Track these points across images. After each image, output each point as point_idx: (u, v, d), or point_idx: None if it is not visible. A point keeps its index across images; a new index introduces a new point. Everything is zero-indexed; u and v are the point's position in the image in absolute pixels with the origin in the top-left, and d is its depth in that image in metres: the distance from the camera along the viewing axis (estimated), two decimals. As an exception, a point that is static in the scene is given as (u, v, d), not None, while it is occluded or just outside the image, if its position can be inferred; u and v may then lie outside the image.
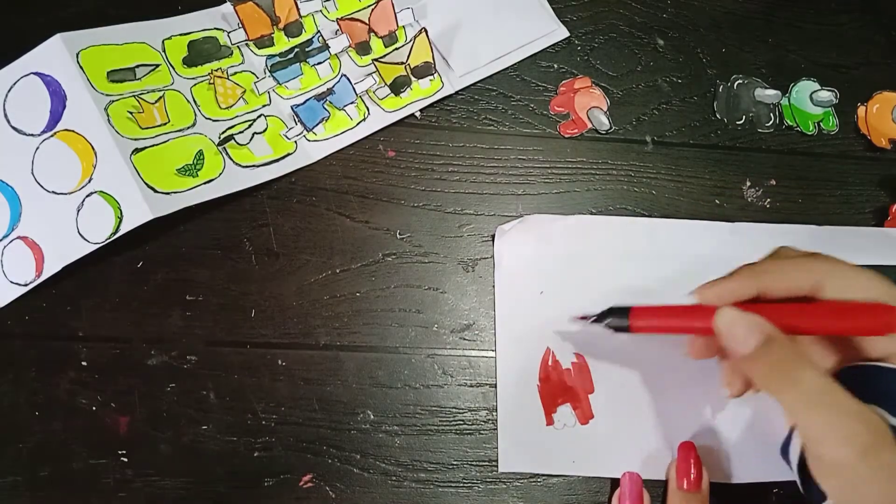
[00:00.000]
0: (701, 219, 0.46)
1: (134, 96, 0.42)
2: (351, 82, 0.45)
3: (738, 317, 0.33)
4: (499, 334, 0.43)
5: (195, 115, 0.43)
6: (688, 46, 0.50)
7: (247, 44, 0.46)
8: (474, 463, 0.41)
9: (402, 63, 0.45)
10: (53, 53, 0.40)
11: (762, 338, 0.32)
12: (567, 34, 0.49)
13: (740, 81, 0.49)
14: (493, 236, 0.44)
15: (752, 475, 0.41)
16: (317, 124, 0.45)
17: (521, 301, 0.43)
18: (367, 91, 0.45)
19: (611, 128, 0.47)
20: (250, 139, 0.44)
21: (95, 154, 0.40)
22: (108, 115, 0.40)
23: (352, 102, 0.45)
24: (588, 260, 0.44)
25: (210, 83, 0.44)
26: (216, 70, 0.45)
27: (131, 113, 0.41)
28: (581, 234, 0.44)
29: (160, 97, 0.43)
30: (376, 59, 0.45)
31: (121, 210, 0.39)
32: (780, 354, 0.32)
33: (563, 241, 0.44)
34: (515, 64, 0.48)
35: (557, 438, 0.41)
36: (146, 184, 0.39)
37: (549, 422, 0.41)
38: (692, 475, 0.39)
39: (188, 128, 0.43)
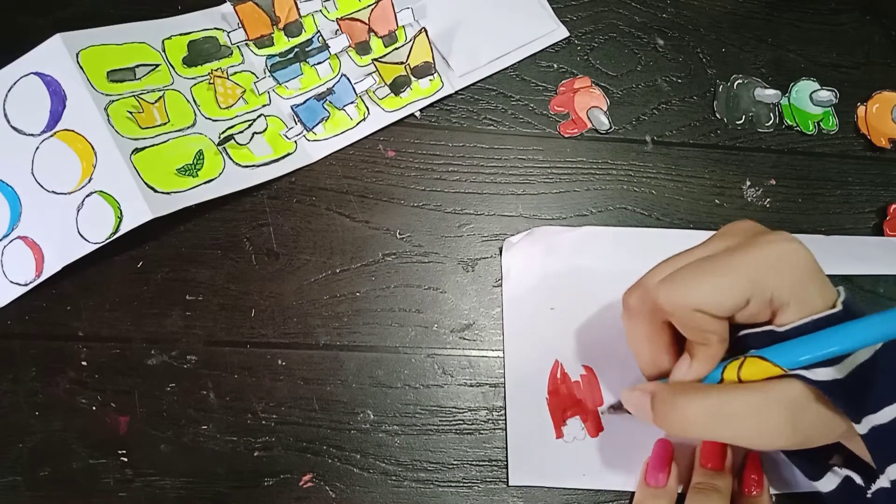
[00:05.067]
0: (701, 219, 0.46)
1: (134, 96, 0.42)
2: (351, 82, 0.45)
3: (629, 395, 0.36)
4: (507, 347, 0.42)
5: (195, 114, 0.43)
6: (688, 46, 0.50)
7: (247, 44, 0.46)
8: (474, 463, 0.41)
9: (402, 63, 0.45)
10: (53, 53, 0.40)
11: (648, 401, 0.34)
12: (567, 34, 0.49)
13: (740, 81, 0.49)
14: (493, 236, 0.44)
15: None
16: (317, 124, 0.45)
17: (529, 314, 0.43)
18: (367, 91, 0.45)
19: (611, 128, 0.47)
20: (250, 139, 0.44)
21: (95, 154, 0.40)
22: (108, 115, 0.40)
23: (352, 102, 0.45)
24: (597, 272, 0.43)
25: (210, 83, 0.44)
26: (216, 70, 0.45)
27: (131, 113, 0.41)
28: (590, 247, 0.44)
29: (160, 97, 0.43)
30: (376, 59, 0.45)
31: (121, 210, 0.39)
32: (662, 406, 0.33)
33: (571, 254, 0.44)
34: (515, 64, 0.48)
35: (567, 451, 0.41)
36: (146, 184, 0.39)
37: (559, 435, 0.41)
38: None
39: (188, 128, 0.43)
